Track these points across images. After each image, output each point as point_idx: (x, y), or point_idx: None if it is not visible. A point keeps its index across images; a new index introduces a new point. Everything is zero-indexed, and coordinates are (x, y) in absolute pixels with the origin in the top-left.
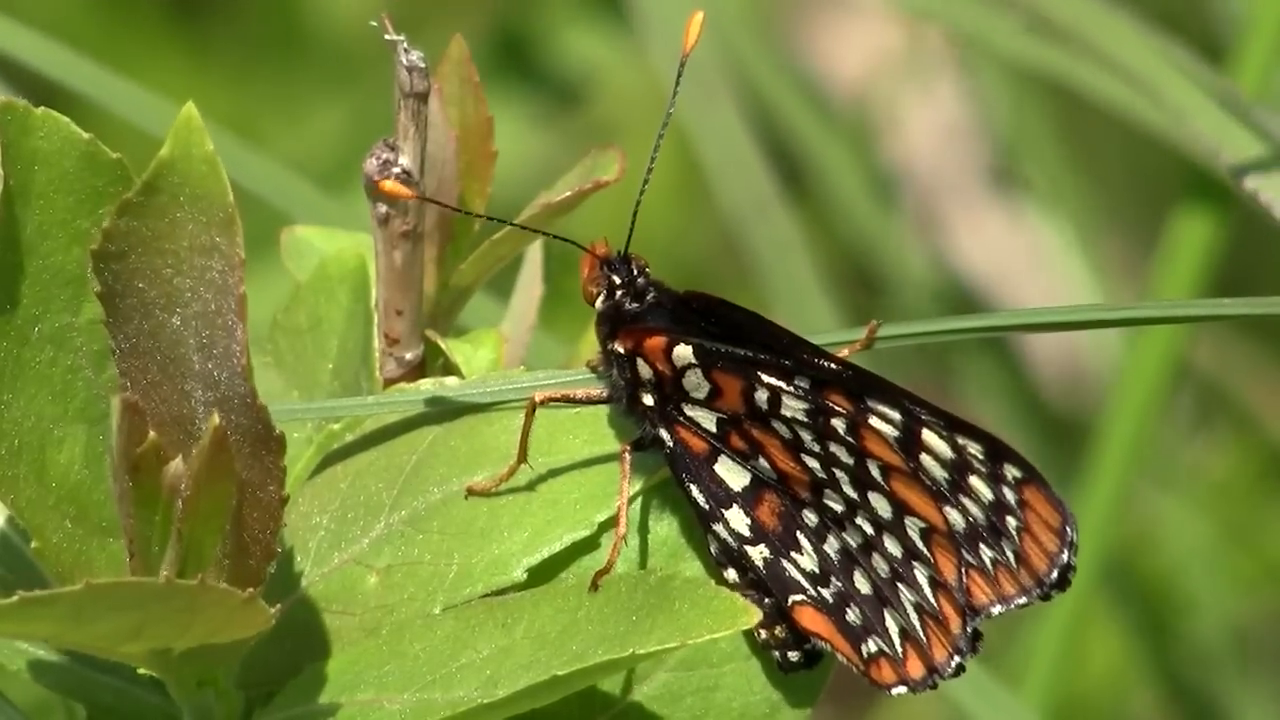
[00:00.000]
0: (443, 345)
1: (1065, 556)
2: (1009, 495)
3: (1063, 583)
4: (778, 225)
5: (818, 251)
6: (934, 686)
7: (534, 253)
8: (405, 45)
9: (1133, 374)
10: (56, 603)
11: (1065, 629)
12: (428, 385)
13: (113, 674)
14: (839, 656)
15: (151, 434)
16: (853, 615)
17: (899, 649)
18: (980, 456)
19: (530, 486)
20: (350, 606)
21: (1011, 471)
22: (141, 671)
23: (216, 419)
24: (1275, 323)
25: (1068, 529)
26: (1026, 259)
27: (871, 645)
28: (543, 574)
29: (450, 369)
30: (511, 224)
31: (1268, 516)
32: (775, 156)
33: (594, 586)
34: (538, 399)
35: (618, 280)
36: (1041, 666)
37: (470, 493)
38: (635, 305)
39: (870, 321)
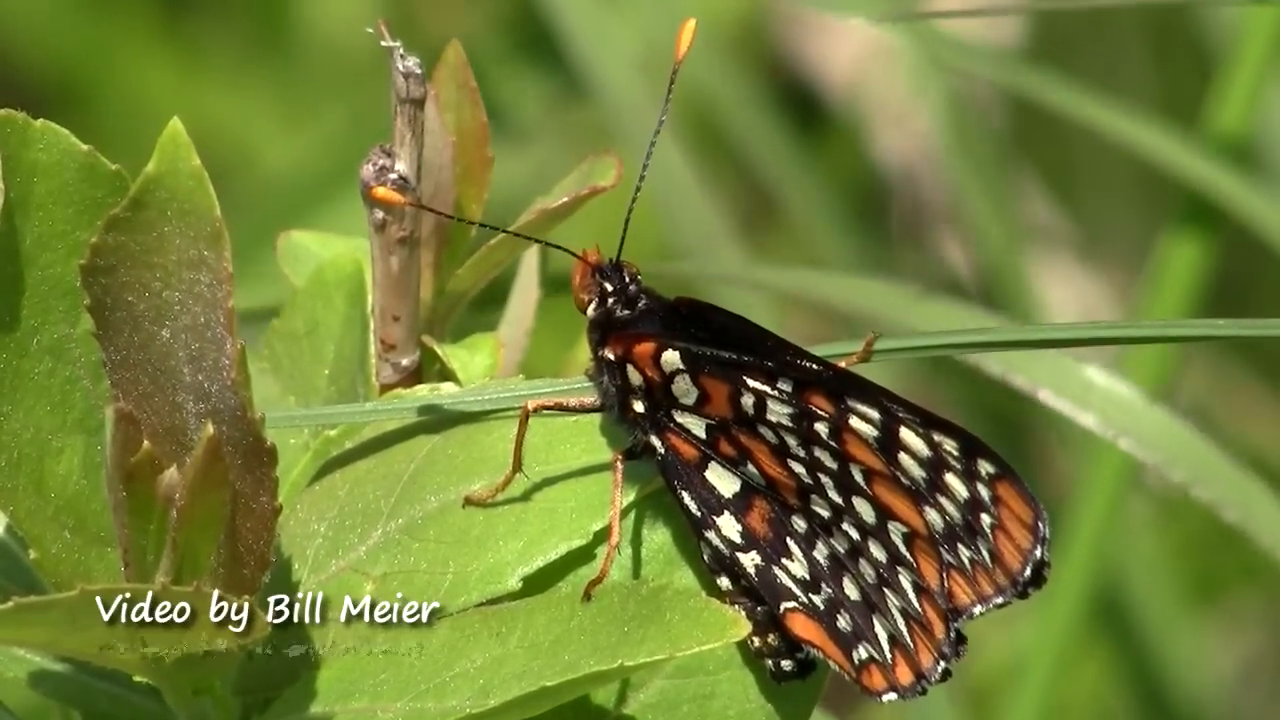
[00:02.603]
0: (439, 351)
1: (1039, 553)
2: (983, 492)
3: (1037, 580)
4: (727, 261)
5: (798, 265)
6: (923, 692)
7: (530, 257)
8: (401, 51)
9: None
10: (51, 609)
11: (1056, 646)
12: (424, 391)
13: (109, 680)
14: (831, 664)
15: (146, 444)
16: (844, 622)
17: (888, 655)
18: (955, 453)
19: (527, 495)
20: None
21: (985, 467)
22: (138, 678)
23: (210, 429)
24: (1264, 342)
25: (1040, 525)
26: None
27: (862, 652)
28: (538, 583)
29: (447, 375)
30: (505, 231)
31: None
32: (756, 167)
33: (587, 596)
34: (530, 407)
35: (609, 288)
36: (1033, 680)
37: (468, 502)
38: (626, 312)
39: (868, 334)
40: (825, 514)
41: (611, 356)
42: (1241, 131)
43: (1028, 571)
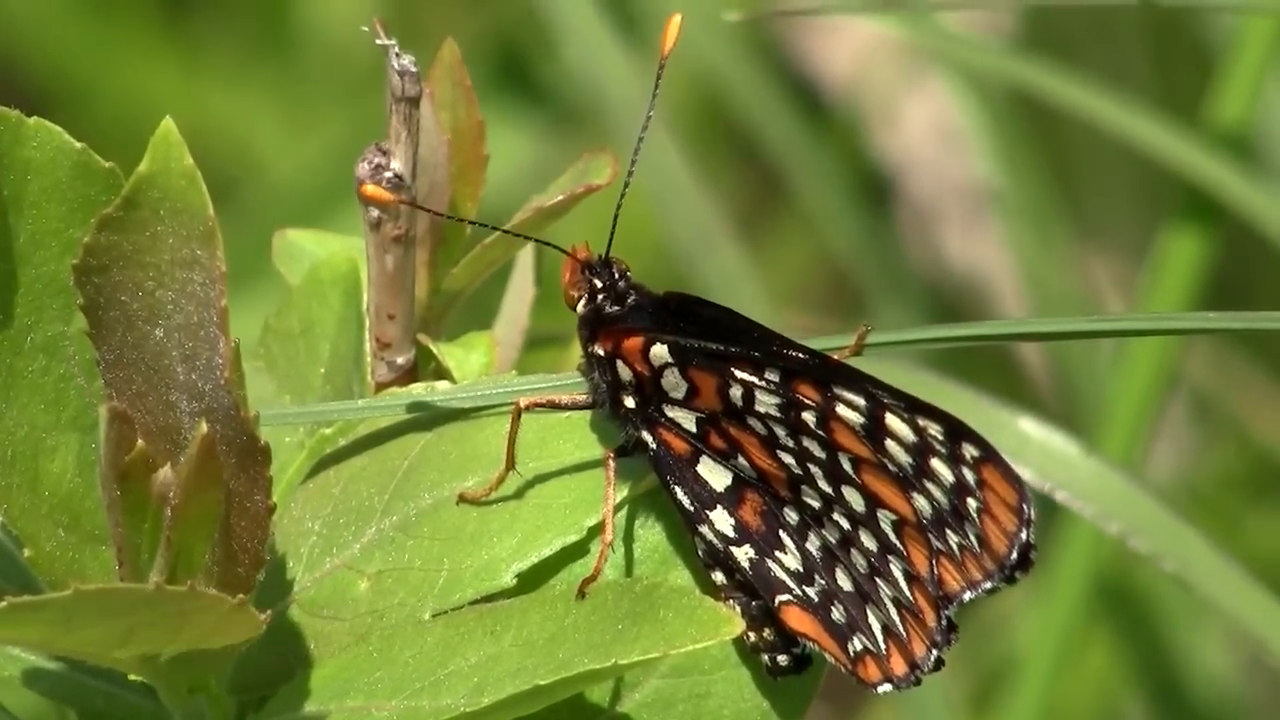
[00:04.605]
0: (434, 349)
1: (1024, 535)
2: (968, 476)
3: (1024, 563)
4: (726, 259)
5: (800, 260)
6: (917, 682)
7: (526, 256)
8: (397, 50)
9: (1124, 384)
10: (46, 608)
11: (1059, 640)
12: (419, 389)
13: (104, 679)
14: (827, 657)
15: (140, 442)
16: (838, 614)
17: (882, 646)
18: (940, 437)
19: (520, 491)
20: (341, 612)
21: (970, 451)
22: (133, 677)
23: (205, 427)
24: (1265, 335)
25: (1025, 507)
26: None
27: (857, 644)
28: (533, 579)
29: (442, 373)
30: (500, 229)
31: (1257, 525)
32: (758, 160)
33: (581, 594)
34: (522, 404)
35: (599, 284)
36: (1035, 676)
37: (462, 500)
38: (616, 308)
39: (859, 327)
40: (816, 505)
41: (601, 352)
42: (1241, 128)
43: (1014, 555)
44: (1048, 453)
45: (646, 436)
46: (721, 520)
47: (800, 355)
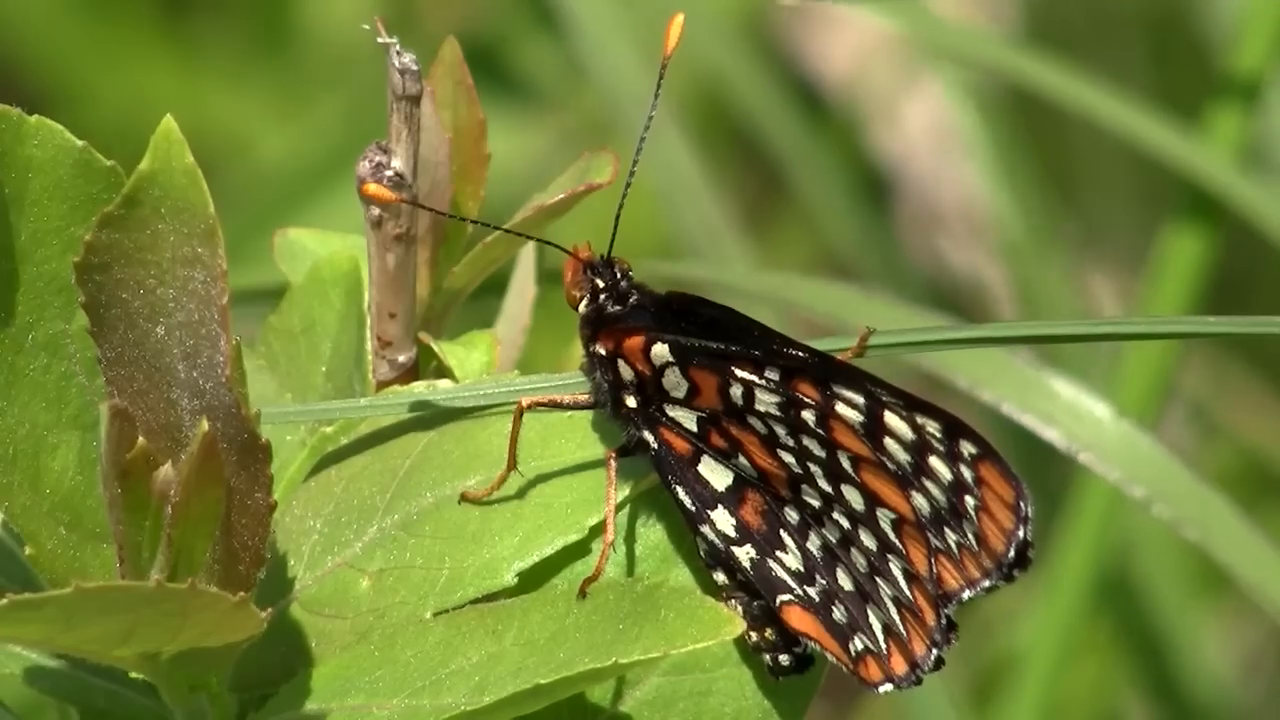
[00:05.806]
0: (436, 348)
1: (1021, 533)
2: (966, 473)
3: (1022, 561)
4: (730, 256)
5: (801, 257)
6: (918, 682)
7: (527, 254)
8: (398, 48)
9: (1122, 388)
10: (46, 606)
11: (1058, 640)
12: (421, 388)
13: (105, 677)
14: (828, 657)
15: (141, 440)
16: (839, 613)
17: (883, 645)
18: (938, 435)
19: (522, 491)
20: (343, 610)
21: (967, 448)
22: (134, 675)
23: (206, 425)
24: (1262, 342)
25: (1022, 504)
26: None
27: (858, 643)
28: (534, 578)
29: (444, 372)
30: (500, 229)
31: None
32: (760, 158)
33: (582, 594)
34: (525, 404)
35: (601, 284)
36: (1035, 675)
37: (464, 499)
38: (618, 308)
39: (861, 329)
40: (816, 504)
41: (603, 351)
42: (1242, 127)
43: (1011, 553)
44: (1076, 414)
45: (648, 436)
46: (723, 520)
47: (800, 354)
